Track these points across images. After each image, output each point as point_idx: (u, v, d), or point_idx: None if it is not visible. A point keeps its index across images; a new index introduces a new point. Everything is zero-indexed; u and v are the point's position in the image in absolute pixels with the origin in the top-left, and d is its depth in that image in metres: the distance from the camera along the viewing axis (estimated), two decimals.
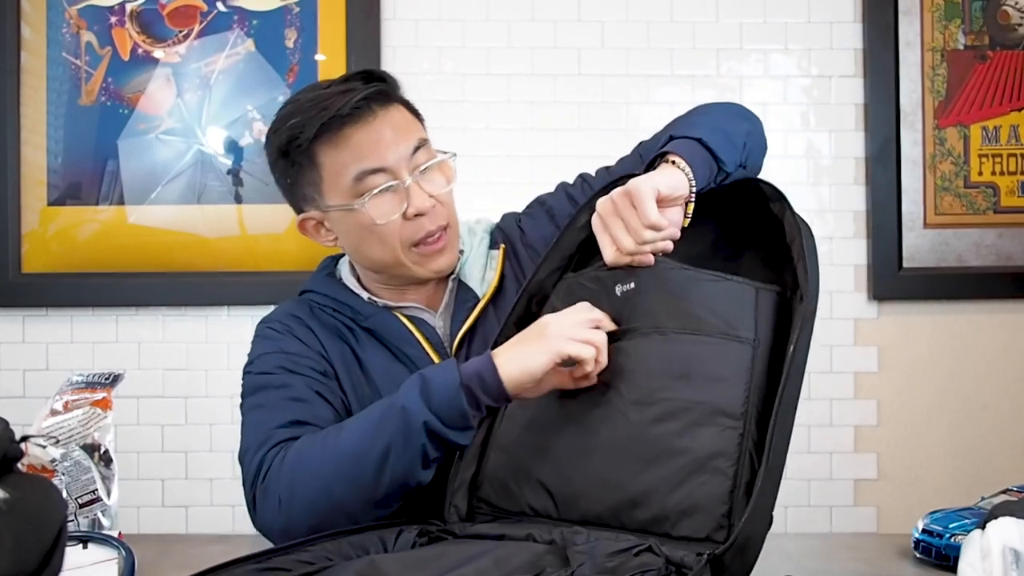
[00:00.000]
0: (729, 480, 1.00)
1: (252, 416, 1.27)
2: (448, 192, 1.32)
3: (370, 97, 1.27)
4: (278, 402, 1.25)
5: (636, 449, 1.05)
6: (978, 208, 2.28)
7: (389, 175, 1.27)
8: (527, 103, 2.28)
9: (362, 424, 1.16)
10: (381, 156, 1.27)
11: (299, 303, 1.39)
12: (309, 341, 1.32)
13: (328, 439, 1.17)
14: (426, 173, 1.30)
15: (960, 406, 2.29)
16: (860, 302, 2.29)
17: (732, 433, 1.01)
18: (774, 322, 1.06)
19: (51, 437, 1.24)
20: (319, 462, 1.15)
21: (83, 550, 1.16)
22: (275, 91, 2.27)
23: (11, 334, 2.26)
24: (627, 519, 1.04)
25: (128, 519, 1.37)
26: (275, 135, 1.33)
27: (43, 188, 2.26)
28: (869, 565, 1.24)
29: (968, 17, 2.29)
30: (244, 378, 1.33)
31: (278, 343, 1.32)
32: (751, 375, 1.03)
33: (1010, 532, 0.91)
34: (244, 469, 1.23)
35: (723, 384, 1.03)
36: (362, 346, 1.33)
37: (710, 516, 0.99)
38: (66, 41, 2.27)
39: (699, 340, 1.06)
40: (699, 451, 1.02)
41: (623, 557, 0.94)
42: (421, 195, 1.28)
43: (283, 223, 2.26)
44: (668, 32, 2.30)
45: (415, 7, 2.29)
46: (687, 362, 1.06)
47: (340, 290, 1.37)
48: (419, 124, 1.34)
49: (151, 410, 2.24)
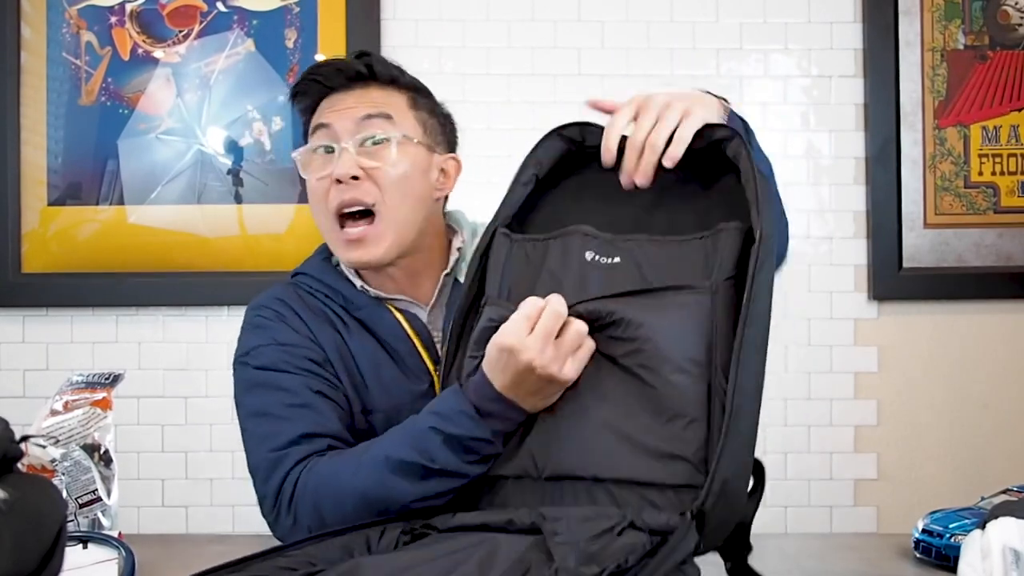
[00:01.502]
0: (703, 427, 0.99)
1: (256, 425, 1.26)
2: (387, 173, 1.28)
3: (346, 69, 1.32)
4: (282, 410, 1.24)
5: (614, 406, 1.03)
6: (978, 208, 2.28)
7: (331, 136, 1.30)
8: (527, 103, 2.28)
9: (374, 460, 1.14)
10: (328, 115, 1.31)
11: (288, 287, 1.36)
12: (300, 329, 1.30)
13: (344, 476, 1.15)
14: (368, 148, 1.28)
15: (960, 406, 2.29)
16: (860, 302, 2.29)
17: (700, 381, 1.00)
18: (738, 259, 1.03)
19: (51, 437, 1.24)
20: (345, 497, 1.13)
21: (83, 550, 1.16)
22: (275, 91, 2.27)
23: (11, 334, 2.26)
24: (610, 473, 1.02)
25: (128, 519, 1.37)
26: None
27: (43, 188, 2.26)
28: (869, 565, 1.24)
29: (968, 17, 2.29)
30: (237, 369, 1.32)
31: (271, 333, 1.30)
32: (713, 322, 1.01)
33: (1010, 532, 0.92)
34: (258, 489, 1.22)
35: (686, 334, 1.01)
36: (351, 335, 1.31)
37: (687, 464, 0.99)
38: (66, 41, 2.27)
39: (657, 298, 1.03)
40: (673, 400, 1.00)
41: (606, 539, 0.93)
42: (348, 162, 1.26)
43: (283, 223, 2.26)
44: (668, 32, 2.30)
45: (415, 7, 2.29)
46: (650, 318, 1.03)
47: (333, 276, 1.35)
48: (400, 101, 1.32)
49: (151, 410, 2.24)
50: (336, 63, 1.34)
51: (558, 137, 1.16)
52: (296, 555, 1.00)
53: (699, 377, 1.00)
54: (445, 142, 1.39)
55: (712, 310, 1.01)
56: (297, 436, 1.21)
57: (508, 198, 1.17)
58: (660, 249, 1.07)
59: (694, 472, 0.98)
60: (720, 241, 1.04)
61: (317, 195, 1.30)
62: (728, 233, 1.04)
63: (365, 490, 1.12)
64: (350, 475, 1.14)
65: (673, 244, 1.07)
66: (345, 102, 1.31)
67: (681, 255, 1.06)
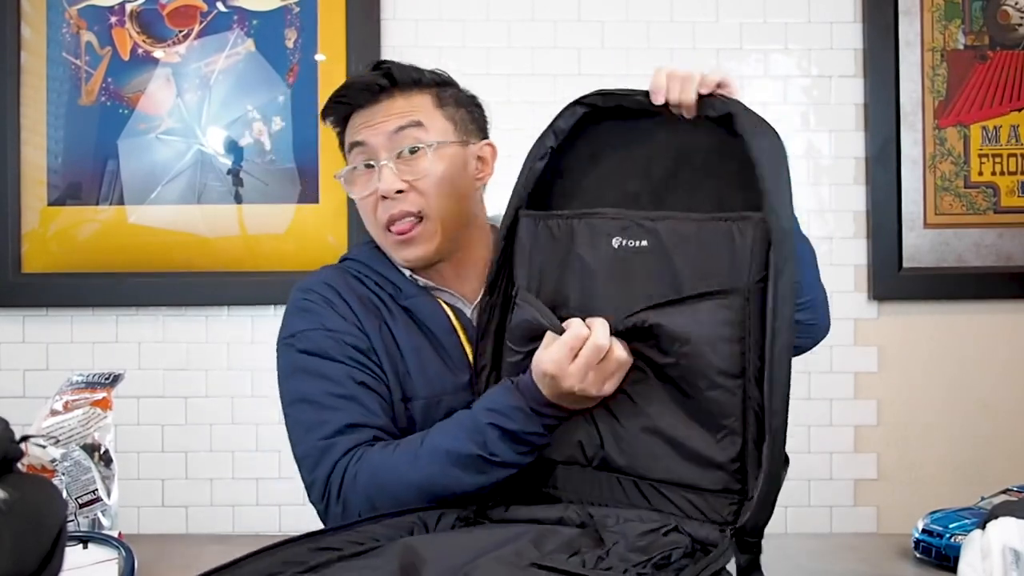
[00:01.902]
0: (739, 437, 1.03)
1: (300, 411, 1.27)
2: (429, 180, 1.30)
3: (369, 85, 1.32)
4: (327, 399, 1.25)
5: (660, 411, 1.08)
6: (978, 208, 2.28)
7: (367, 153, 1.31)
8: (527, 103, 2.28)
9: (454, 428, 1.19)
10: (362, 132, 1.32)
11: (337, 272, 1.37)
12: (347, 316, 1.31)
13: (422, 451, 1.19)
14: (411, 159, 1.30)
15: (960, 406, 2.29)
16: (860, 302, 2.29)
17: (735, 393, 1.04)
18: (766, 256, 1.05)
19: (51, 437, 1.24)
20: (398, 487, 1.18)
21: (83, 550, 1.16)
22: (275, 91, 2.27)
23: (11, 334, 2.26)
24: (655, 473, 1.08)
25: (128, 519, 1.37)
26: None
27: (43, 188, 2.26)
28: (869, 565, 1.24)
29: (968, 17, 2.29)
30: (282, 350, 1.32)
31: (320, 318, 1.31)
32: (745, 327, 1.03)
33: (1010, 532, 0.92)
34: (306, 477, 1.25)
35: (720, 345, 1.04)
36: (396, 322, 1.32)
37: (724, 472, 1.04)
38: (66, 41, 2.27)
39: (694, 309, 1.06)
40: (710, 412, 1.05)
41: (653, 536, 0.99)
42: (388, 178, 1.29)
43: (283, 223, 2.26)
44: (668, 32, 2.30)
45: (415, 7, 2.29)
46: (687, 329, 1.06)
47: (384, 264, 1.36)
48: (424, 112, 1.33)
49: (151, 410, 2.24)
50: (358, 82, 1.34)
51: (577, 104, 1.20)
52: (363, 531, 1.08)
53: (734, 389, 1.04)
54: (477, 130, 1.40)
55: (744, 316, 1.03)
56: (343, 426, 1.23)
57: (524, 176, 1.22)
58: (685, 229, 1.09)
59: (730, 479, 1.03)
60: (746, 233, 1.05)
61: (366, 211, 1.34)
62: (754, 225, 1.04)
63: (424, 481, 1.17)
64: (407, 467, 1.18)
65: (694, 224, 1.08)
66: (375, 116, 1.32)
67: (707, 241, 1.07)
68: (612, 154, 1.19)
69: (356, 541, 1.06)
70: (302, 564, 0.99)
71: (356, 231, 2.22)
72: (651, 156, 1.17)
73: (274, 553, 1.01)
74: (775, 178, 1.04)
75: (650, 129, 1.17)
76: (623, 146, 1.18)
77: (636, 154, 1.17)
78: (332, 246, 2.23)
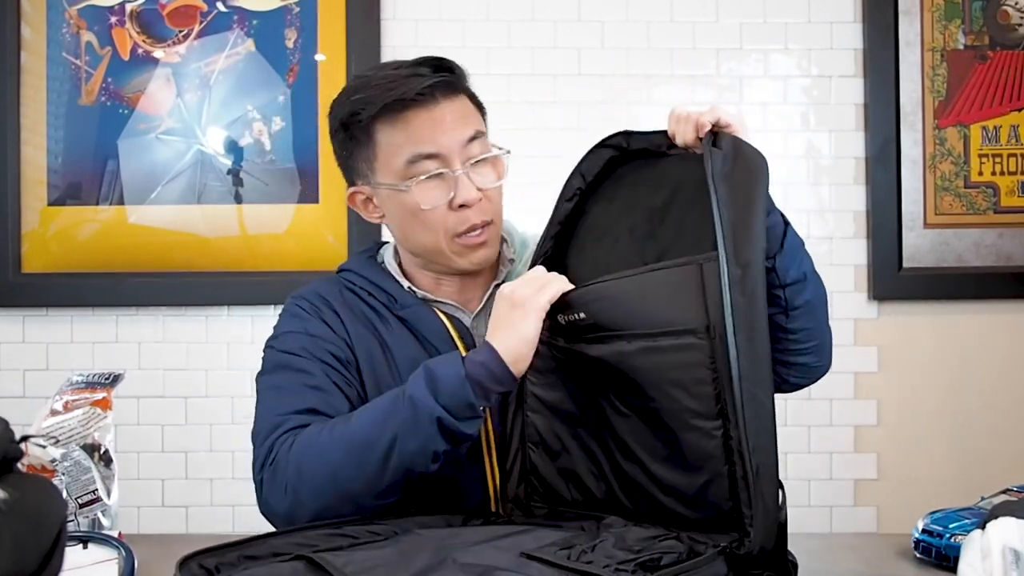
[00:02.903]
0: (726, 479, 1.01)
1: (268, 396, 1.28)
2: (497, 188, 1.32)
3: (435, 85, 1.28)
4: (296, 387, 1.26)
5: (650, 453, 1.08)
6: (978, 208, 2.28)
7: (441, 162, 1.28)
8: (527, 103, 2.28)
9: (371, 414, 1.18)
10: (436, 142, 1.27)
11: (331, 283, 1.38)
12: (335, 325, 1.32)
13: (337, 428, 1.18)
14: (477, 166, 1.30)
15: (960, 406, 2.29)
16: (860, 302, 2.29)
17: (714, 435, 1.01)
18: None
19: (51, 437, 1.24)
20: (327, 449, 1.16)
21: (83, 550, 1.16)
22: (275, 91, 2.27)
23: (11, 334, 2.26)
24: (657, 513, 1.08)
25: (128, 519, 1.37)
26: (338, 107, 1.33)
27: (43, 188, 2.26)
28: (869, 565, 1.24)
29: (968, 17, 2.29)
30: (266, 352, 1.33)
31: (304, 323, 1.32)
32: (714, 369, 1.01)
33: (1010, 532, 0.92)
34: (255, 451, 1.24)
35: (692, 387, 1.03)
36: (392, 333, 1.32)
37: (721, 512, 1.02)
38: (66, 41, 2.27)
39: (657, 346, 1.05)
40: (693, 455, 1.03)
41: (650, 542, 1.00)
42: (469, 187, 1.28)
43: (283, 223, 2.26)
44: (668, 32, 2.30)
45: (415, 7, 2.29)
46: (651, 372, 1.06)
47: (380, 274, 1.36)
48: (479, 116, 1.34)
49: (151, 410, 2.24)
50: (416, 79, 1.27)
51: (602, 147, 1.23)
52: (384, 524, 1.10)
53: (712, 431, 1.02)
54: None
55: (714, 356, 1.01)
56: (304, 408, 1.23)
57: (554, 215, 1.26)
58: (618, 290, 1.10)
59: (726, 519, 1.02)
60: (691, 276, 1.03)
61: (431, 219, 1.28)
62: (701, 266, 1.03)
63: (354, 436, 1.16)
64: (332, 432, 1.17)
65: (630, 281, 1.09)
66: (442, 122, 1.28)
67: (650, 290, 1.07)
68: (626, 191, 1.22)
69: (375, 532, 1.08)
70: (312, 547, 1.01)
71: (356, 231, 2.22)
72: (653, 189, 1.19)
73: (291, 535, 1.05)
74: (740, 215, 1.01)
75: (661, 165, 1.20)
76: (635, 182, 1.21)
77: (642, 189, 1.20)
78: (332, 246, 2.23)
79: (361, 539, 1.06)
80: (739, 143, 1.09)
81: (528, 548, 0.97)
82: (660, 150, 1.19)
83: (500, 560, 0.94)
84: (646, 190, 1.19)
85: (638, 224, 1.19)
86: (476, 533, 1.05)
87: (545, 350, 1.19)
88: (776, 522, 1.00)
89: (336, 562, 0.93)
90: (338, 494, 1.15)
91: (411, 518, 1.13)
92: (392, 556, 0.97)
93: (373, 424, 1.16)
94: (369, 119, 1.28)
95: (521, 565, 0.93)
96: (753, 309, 0.99)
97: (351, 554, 0.98)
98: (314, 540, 1.04)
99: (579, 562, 0.94)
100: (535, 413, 1.21)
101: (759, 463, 0.98)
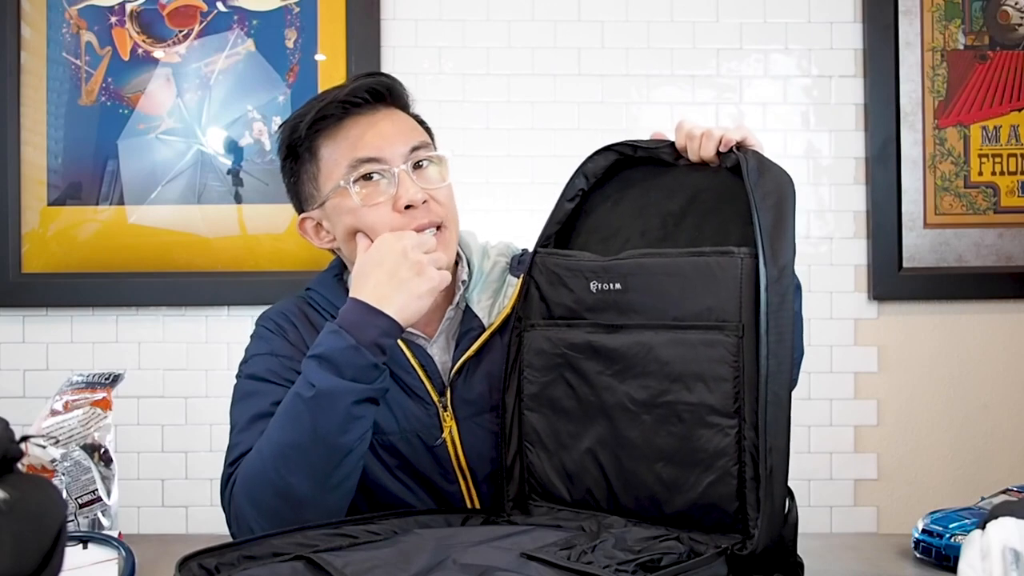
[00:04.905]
0: (734, 479, 1.02)
1: (235, 427, 1.30)
2: (445, 191, 1.31)
3: (371, 90, 1.29)
4: (262, 409, 1.27)
5: (656, 450, 1.08)
6: (978, 208, 2.28)
7: (381, 165, 1.28)
8: (527, 103, 2.28)
9: (285, 419, 1.18)
10: (375, 146, 1.28)
11: (298, 302, 1.38)
12: (297, 343, 1.32)
13: (262, 445, 1.19)
14: (422, 169, 1.30)
15: (960, 406, 2.29)
16: (860, 302, 2.29)
17: (728, 432, 1.02)
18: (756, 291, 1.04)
19: (51, 437, 1.24)
20: (262, 468, 1.18)
21: (83, 550, 1.16)
22: (275, 91, 2.27)
23: (11, 334, 2.26)
24: (658, 513, 1.08)
25: (128, 519, 1.37)
26: (281, 132, 1.35)
27: (43, 188, 2.26)
28: (869, 565, 1.24)
29: (968, 17, 2.29)
30: (237, 378, 1.34)
31: (270, 344, 1.33)
32: (739, 368, 1.02)
33: (1010, 532, 0.91)
34: (221, 475, 1.27)
35: (712, 383, 1.04)
36: None
37: (725, 513, 1.03)
38: (66, 41, 2.27)
39: (685, 339, 1.06)
40: (703, 452, 1.04)
41: (650, 543, 1.01)
42: (412, 186, 1.27)
43: (283, 223, 2.26)
44: (668, 32, 2.30)
45: (415, 7, 2.29)
46: (675, 364, 1.06)
47: (343, 297, 1.34)
48: (423, 132, 1.34)
49: (151, 410, 2.24)
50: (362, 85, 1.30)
51: (608, 151, 1.22)
52: (384, 524, 1.11)
53: (727, 429, 1.02)
54: None
55: (738, 354, 1.02)
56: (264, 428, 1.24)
57: (553, 215, 1.25)
58: (657, 265, 1.10)
59: (731, 520, 1.02)
60: (728, 268, 1.04)
61: (376, 223, 1.27)
62: (740, 260, 1.03)
63: (280, 452, 1.17)
64: (266, 446, 1.19)
65: (668, 259, 1.09)
66: (381, 130, 1.29)
67: (687, 275, 1.07)
68: (634, 195, 1.22)
69: (375, 532, 1.09)
70: (312, 547, 1.03)
71: None
72: (667, 195, 1.18)
73: (291, 535, 1.06)
74: (775, 218, 1.02)
75: (672, 173, 1.19)
76: (645, 187, 1.21)
77: (654, 195, 1.19)
78: (328, 248, 2.23)
79: (361, 539, 1.07)
80: (765, 159, 1.09)
81: (528, 548, 0.98)
82: (668, 160, 1.19)
83: (500, 560, 0.94)
84: (659, 195, 1.19)
85: (651, 228, 1.18)
86: (476, 533, 1.06)
87: (546, 347, 1.19)
88: (780, 525, 1.00)
89: (336, 562, 0.94)
90: (291, 505, 1.15)
91: (411, 518, 1.14)
92: (392, 556, 0.97)
93: (293, 428, 1.16)
94: (311, 133, 1.29)
95: (521, 565, 0.94)
96: (784, 312, 1.00)
97: (351, 554, 0.98)
98: (314, 540, 1.05)
99: (579, 562, 0.94)
100: (533, 412, 1.21)
101: (774, 464, 0.98)
